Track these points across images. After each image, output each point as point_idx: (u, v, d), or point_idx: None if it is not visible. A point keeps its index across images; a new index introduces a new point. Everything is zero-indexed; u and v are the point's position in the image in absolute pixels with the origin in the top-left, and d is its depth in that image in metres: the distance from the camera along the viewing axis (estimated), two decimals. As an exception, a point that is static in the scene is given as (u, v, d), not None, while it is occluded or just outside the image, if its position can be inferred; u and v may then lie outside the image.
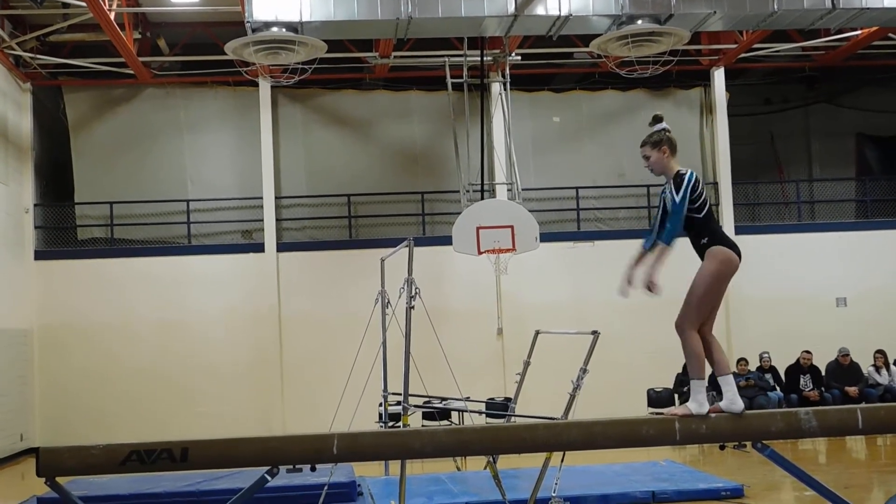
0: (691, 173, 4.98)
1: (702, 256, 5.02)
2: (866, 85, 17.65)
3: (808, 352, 14.56)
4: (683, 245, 5.14)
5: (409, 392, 7.90)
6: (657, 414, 4.93)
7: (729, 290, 16.98)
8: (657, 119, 5.11)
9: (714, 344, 5.05)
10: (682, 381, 14.52)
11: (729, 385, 4.93)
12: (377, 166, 16.23)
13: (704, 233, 4.99)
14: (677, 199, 4.93)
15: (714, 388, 5.78)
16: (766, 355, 14.73)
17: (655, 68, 13.01)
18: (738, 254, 5.03)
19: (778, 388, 14.49)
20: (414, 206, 16.06)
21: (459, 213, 13.31)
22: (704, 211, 4.98)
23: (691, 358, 4.94)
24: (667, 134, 5.06)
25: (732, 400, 4.89)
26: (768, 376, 14.55)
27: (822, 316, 15.67)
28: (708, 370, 5.08)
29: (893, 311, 15.65)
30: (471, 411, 10.18)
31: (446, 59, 14.76)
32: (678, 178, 4.96)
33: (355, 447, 4.76)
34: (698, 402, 4.89)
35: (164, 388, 14.87)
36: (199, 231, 15.85)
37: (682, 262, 5.23)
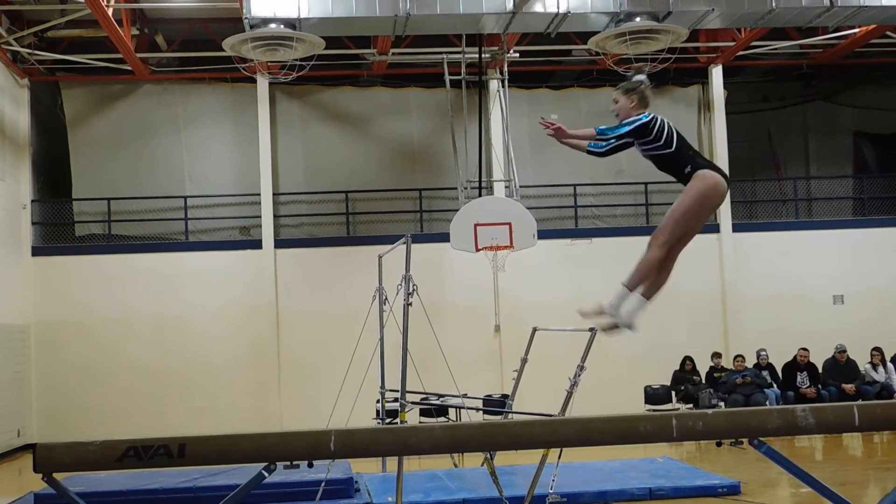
0: (647, 114, 4.98)
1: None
2: (864, 83, 17.67)
3: (805, 349, 14.59)
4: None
5: (407, 389, 7.91)
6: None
7: (726, 287, 17.09)
8: (639, 70, 5.16)
9: (667, 269, 5.03)
10: (680, 378, 14.55)
11: (629, 302, 4.92)
12: (375, 163, 16.23)
13: (684, 162, 4.97)
14: (624, 124, 4.97)
15: (711, 386, 5.78)
16: (764, 352, 14.76)
17: (653, 66, 13.01)
18: (727, 179, 4.98)
19: (775, 385, 14.52)
20: (412, 202, 16.06)
21: (457, 210, 13.31)
22: (675, 144, 4.98)
23: (639, 269, 4.92)
24: (642, 87, 5.08)
25: (624, 313, 4.90)
26: (765, 373, 14.58)
27: (819, 313, 15.69)
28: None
29: (890, 308, 15.68)
30: (468, 408, 10.18)
31: (444, 56, 14.75)
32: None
33: (352, 443, 4.76)
34: (613, 306, 4.94)
35: (161, 384, 14.87)
36: (197, 227, 15.84)
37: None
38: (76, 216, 15.73)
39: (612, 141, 5.00)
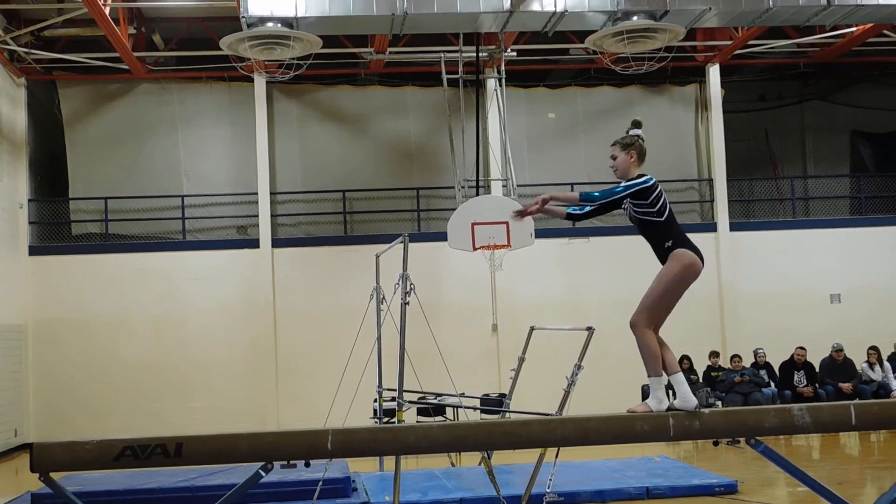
0: (649, 178, 5.02)
1: (664, 261, 5.02)
2: (861, 82, 17.69)
3: (802, 348, 14.59)
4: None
5: (404, 388, 7.91)
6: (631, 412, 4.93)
7: (723, 287, 17.12)
8: (635, 124, 5.17)
9: (665, 344, 5.06)
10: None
11: (681, 384, 4.95)
12: (372, 162, 16.22)
13: (668, 236, 5.00)
14: (621, 186, 5.00)
15: (709, 385, 5.79)
16: (762, 351, 14.77)
17: (651, 64, 13.01)
18: (702, 259, 5.03)
19: (772, 384, 14.53)
20: (409, 201, 16.06)
21: (454, 209, 13.30)
22: (665, 215, 5.02)
23: (648, 356, 4.95)
24: (639, 141, 5.12)
25: (685, 398, 4.91)
26: (763, 372, 14.59)
27: (816, 312, 15.71)
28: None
29: (887, 307, 15.70)
30: (465, 407, 10.18)
31: (442, 55, 14.73)
32: (635, 177, 5.04)
33: (350, 443, 4.77)
34: (658, 399, 4.92)
35: (159, 383, 14.86)
36: (194, 226, 15.83)
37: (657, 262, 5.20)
38: (73, 215, 15.71)
39: (600, 203, 5.02)
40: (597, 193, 5.02)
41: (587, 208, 5.16)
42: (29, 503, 8.45)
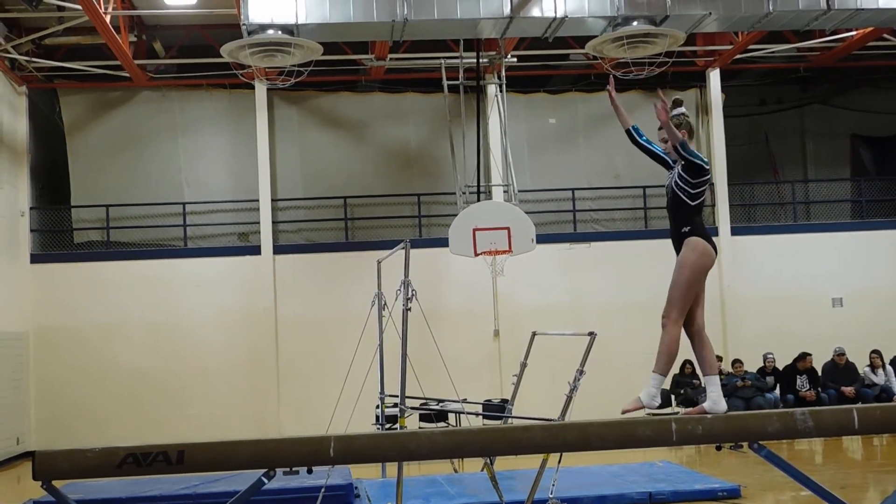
0: (705, 160, 5.16)
1: (679, 246, 5.08)
2: (861, 86, 17.70)
3: (808, 354, 14.51)
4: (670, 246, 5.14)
5: (406, 394, 7.90)
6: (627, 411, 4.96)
7: (724, 291, 17.07)
8: (677, 103, 5.26)
9: (706, 343, 5.07)
10: (679, 382, 14.54)
11: (714, 385, 4.95)
12: (373, 168, 16.24)
13: (687, 222, 5.09)
14: (692, 148, 5.09)
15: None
16: (771, 356, 14.73)
17: (651, 69, 13.02)
18: (715, 249, 5.16)
19: (775, 389, 14.51)
20: (410, 207, 16.06)
21: (456, 215, 13.31)
22: (697, 201, 5.14)
23: (664, 351, 4.99)
24: (686, 118, 5.24)
25: (716, 401, 4.90)
26: (770, 379, 14.56)
27: (817, 316, 15.70)
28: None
29: (889, 311, 15.69)
30: (468, 413, 10.17)
31: (442, 61, 14.76)
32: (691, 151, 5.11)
33: (352, 449, 4.76)
34: (650, 395, 4.95)
35: (160, 391, 14.85)
36: (195, 234, 15.84)
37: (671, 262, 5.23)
38: (74, 223, 15.73)
39: (693, 155, 5.07)
40: (686, 150, 5.06)
41: (644, 138, 5.28)
42: (31, 511, 8.44)
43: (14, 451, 14.12)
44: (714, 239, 5.26)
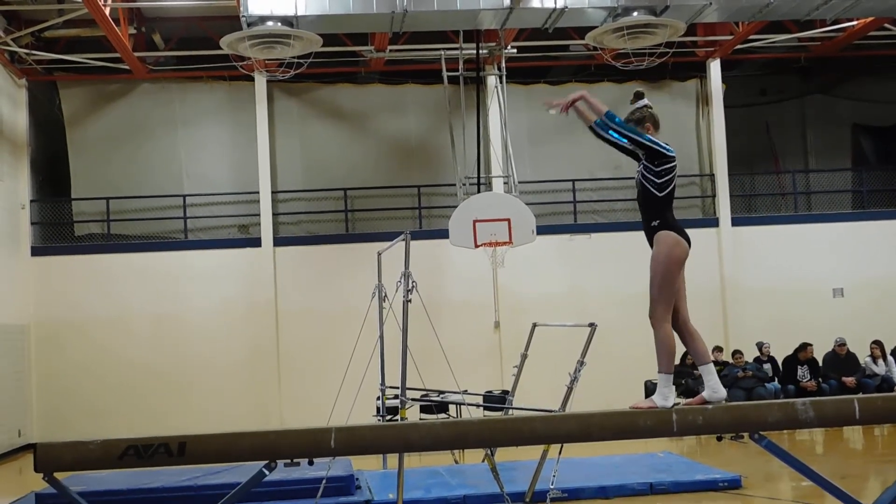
0: (671, 149, 5.04)
1: (651, 242, 5.05)
2: (862, 75, 17.65)
3: (809, 344, 14.51)
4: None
5: (407, 385, 7.91)
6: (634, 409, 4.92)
7: (725, 281, 17.02)
8: (638, 95, 5.17)
9: (694, 334, 5.05)
10: (681, 372, 14.52)
11: (710, 374, 4.95)
12: (373, 160, 16.22)
13: (657, 215, 5.01)
14: (647, 136, 5.00)
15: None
16: (766, 344, 14.74)
17: (651, 60, 13.00)
18: (688, 240, 5.04)
19: (776, 379, 14.52)
20: (410, 199, 16.05)
21: (456, 207, 13.30)
22: (665, 192, 5.02)
23: (662, 350, 4.96)
24: (649, 110, 5.13)
25: (714, 389, 4.90)
26: (767, 366, 14.57)
27: (818, 306, 15.70)
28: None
29: (890, 301, 15.69)
30: (468, 404, 10.18)
31: (442, 53, 14.73)
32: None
33: (353, 440, 4.77)
34: (663, 396, 4.91)
35: (161, 383, 14.87)
36: (196, 226, 15.84)
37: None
38: (75, 216, 15.72)
39: (621, 131, 4.97)
40: (624, 122, 4.98)
41: (610, 132, 5.04)
42: (33, 503, 8.46)
43: (16, 443, 14.15)
44: (714, 230, 5.24)
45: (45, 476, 4.49)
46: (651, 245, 5.05)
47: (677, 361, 14.56)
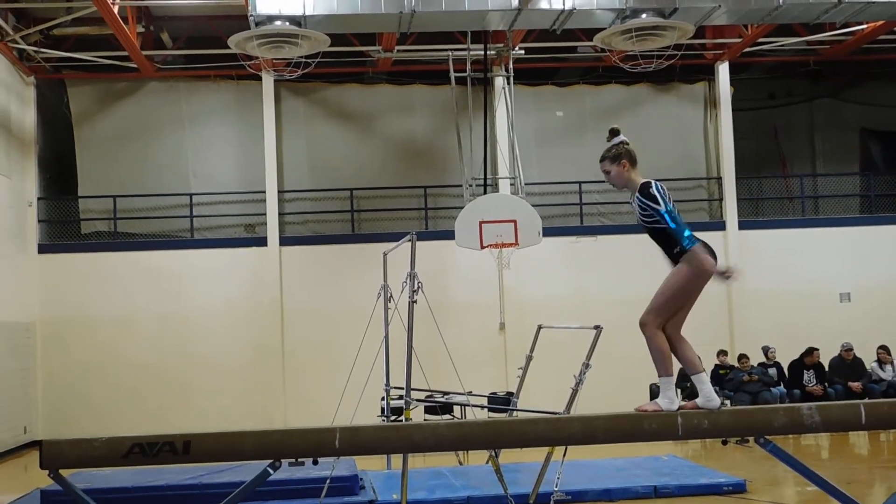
0: (658, 183, 4.89)
1: (675, 263, 4.94)
2: (871, 79, 17.60)
3: (815, 349, 14.46)
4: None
5: (412, 386, 7.90)
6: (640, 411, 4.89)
7: (731, 285, 16.92)
8: (614, 133, 5.03)
9: (685, 344, 5.01)
10: (685, 375, 14.50)
11: (703, 383, 4.91)
12: (380, 160, 16.22)
13: (677, 241, 4.86)
14: (661, 208, 4.82)
15: (717, 383, 5.75)
16: (772, 348, 14.70)
17: (659, 62, 12.98)
18: (715, 257, 4.96)
19: (781, 384, 14.47)
20: (417, 200, 16.05)
21: (462, 208, 13.29)
22: (676, 218, 4.86)
23: (658, 355, 4.90)
24: (625, 147, 4.97)
25: (709, 397, 4.87)
26: (773, 370, 14.52)
27: (825, 311, 15.65)
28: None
29: (897, 306, 15.63)
30: (473, 405, 10.18)
31: (450, 53, 14.73)
32: (646, 189, 4.85)
33: (357, 441, 4.76)
34: (668, 399, 4.87)
35: (166, 382, 14.89)
36: (202, 225, 15.86)
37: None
38: (82, 214, 15.75)
39: (678, 225, 4.84)
40: (674, 231, 4.81)
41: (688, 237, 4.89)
42: (38, 500, 8.49)
43: (21, 440, 14.18)
44: (721, 233, 5.18)
45: (51, 473, 4.49)
46: (675, 264, 4.91)
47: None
